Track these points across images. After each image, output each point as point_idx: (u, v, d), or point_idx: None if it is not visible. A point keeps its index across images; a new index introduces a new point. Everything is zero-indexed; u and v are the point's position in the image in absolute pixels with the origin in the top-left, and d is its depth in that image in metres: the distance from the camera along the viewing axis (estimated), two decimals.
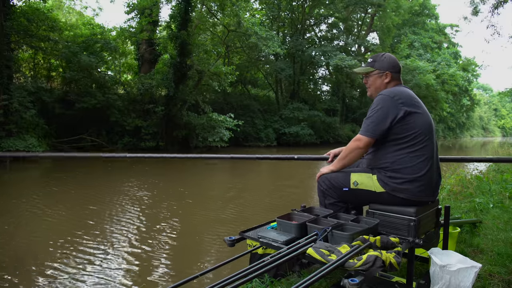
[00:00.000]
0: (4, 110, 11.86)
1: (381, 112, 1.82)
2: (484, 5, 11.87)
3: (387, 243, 1.53)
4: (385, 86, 1.97)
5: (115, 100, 16.07)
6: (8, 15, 12.38)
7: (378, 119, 1.81)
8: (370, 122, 1.84)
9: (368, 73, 2.01)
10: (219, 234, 4.85)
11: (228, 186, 9.65)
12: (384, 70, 1.97)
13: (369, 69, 2.00)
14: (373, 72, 1.99)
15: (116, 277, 3.48)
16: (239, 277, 1.27)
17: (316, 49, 26.00)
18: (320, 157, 2.48)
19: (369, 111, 1.88)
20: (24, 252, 4.13)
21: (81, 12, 25.26)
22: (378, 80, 1.98)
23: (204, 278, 2.92)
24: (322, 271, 1.27)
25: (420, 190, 1.78)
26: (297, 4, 26.76)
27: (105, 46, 16.69)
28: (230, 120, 17.53)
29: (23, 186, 8.53)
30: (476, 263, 1.64)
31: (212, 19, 19.95)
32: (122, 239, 4.59)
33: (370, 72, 2.00)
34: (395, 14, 27.17)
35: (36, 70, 17.17)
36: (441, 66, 31.20)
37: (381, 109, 1.82)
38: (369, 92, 2.04)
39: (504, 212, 3.74)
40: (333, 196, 1.99)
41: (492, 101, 75.41)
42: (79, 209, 6.12)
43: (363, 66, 2.06)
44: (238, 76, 21.22)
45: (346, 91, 29.13)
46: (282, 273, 2.11)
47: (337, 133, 26.47)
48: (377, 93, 1.97)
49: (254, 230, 1.86)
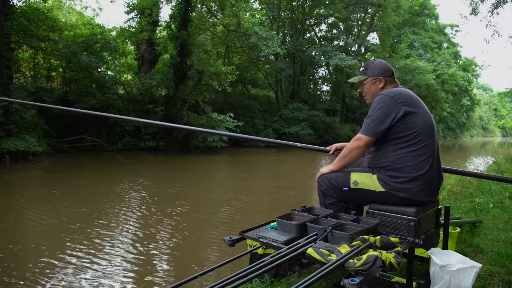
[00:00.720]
0: (4, 110, 11.85)
1: (381, 111, 1.82)
2: (484, 4, 11.88)
3: (387, 243, 1.53)
4: (380, 91, 1.98)
5: (115, 100, 16.07)
6: (8, 15, 12.37)
7: (379, 118, 1.82)
8: (371, 122, 1.85)
9: (362, 82, 2.05)
10: (219, 234, 4.85)
11: (228, 186, 9.65)
12: (376, 76, 2.00)
13: (362, 77, 2.04)
14: (366, 80, 2.03)
15: (116, 277, 3.48)
16: (239, 277, 1.27)
17: (316, 49, 26.01)
18: (322, 148, 2.50)
19: (370, 111, 1.89)
20: (24, 252, 4.13)
21: (81, 12, 25.29)
22: (373, 86, 2.02)
23: (204, 278, 2.92)
24: (322, 271, 1.27)
25: (420, 190, 1.78)
26: (297, 4, 26.76)
27: (105, 46, 16.68)
28: (230, 120, 17.52)
29: (23, 186, 8.53)
30: (476, 263, 1.64)
31: (212, 19, 19.95)
32: (122, 239, 4.59)
33: (364, 80, 2.04)
34: (395, 14, 27.16)
35: (36, 70, 17.17)
36: (441, 66, 31.22)
37: (381, 108, 1.83)
38: (368, 100, 2.08)
39: (504, 212, 3.74)
40: (333, 196, 1.99)
41: (492, 101, 75.40)
42: (79, 209, 6.12)
43: (356, 76, 2.10)
44: (238, 76, 21.21)
45: (346, 91, 29.13)
46: (282, 273, 2.11)
47: (337, 133, 26.46)
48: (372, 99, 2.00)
49: (254, 230, 1.86)
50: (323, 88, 32.93)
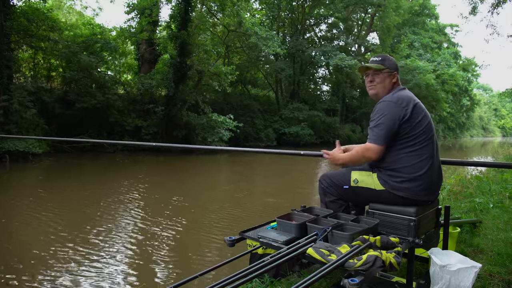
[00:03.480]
0: (4, 110, 11.86)
1: (388, 118, 1.81)
2: (484, 4, 11.87)
3: (387, 243, 1.53)
4: (392, 86, 1.96)
5: (115, 100, 16.06)
6: (8, 15, 12.37)
7: (388, 126, 1.80)
8: (380, 130, 1.82)
9: (379, 71, 1.95)
10: (219, 234, 4.85)
11: (228, 186, 9.65)
12: (393, 70, 1.97)
13: (381, 66, 1.95)
14: (384, 70, 1.95)
15: (116, 277, 3.48)
16: (239, 277, 1.27)
17: (316, 49, 25.99)
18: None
19: (375, 118, 1.85)
20: (24, 252, 4.13)
21: (81, 12, 25.25)
22: (388, 79, 1.95)
23: (204, 278, 2.92)
24: (322, 271, 1.27)
25: (420, 190, 1.79)
26: (297, 4, 26.75)
27: (105, 46, 16.67)
28: (230, 122, 17.52)
29: (22, 186, 8.53)
30: (476, 263, 1.64)
31: (212, 19, 19.95)
32: (122, 239, 4.59)
33: (381, 69, 1.95)
34: (395, 14, 27.15)
35: (36, 70, 17.16)
36: (441, 66, 31.21)
37: (387, 115, 1.81)
38: (375, 91, 1.97)
39: (504, 212, 3.74)
40: (333, 194, 2.00)
41: (492, 101, 75.39)
42: (79, 209, 6.12)
43: (373, 63, 1.98)
44: (238, 76, 21.20)
45: (346, 91, 29.12)
46: (282, 273, 2.11)
47: (337, 133, 26.43)
48: (384, 91, 1.94)
49: (254, 230, 1.87)
50: (323, 88, 32.95)
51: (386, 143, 1.82)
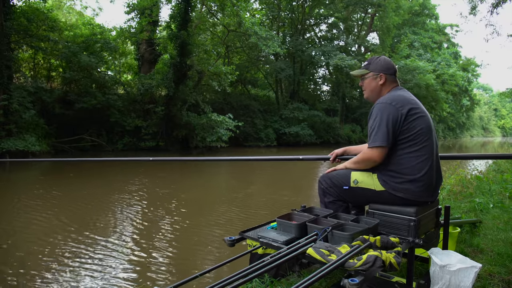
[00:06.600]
0: (4, 110, 11.87)
1: (385, 120, 1.81)
2: (483, 4, 11.87)
3: (387, 243, 1.53)
4: (380, 88, 1.98)
5: (115, 100, 16.07)
6: (8, 15, 12.38)
7: (386, 127, 1.81)
8: (379, 133, 1.82)
9: (363, 76, 2.03)
10: (219, 234, 4.85)
11: (228, 186, 9.65)
12: (378, 72, 1.98)
13: (364, 71, 2.02)
14: (367, 74, 2.01)
15: (116, 277, 3.47)
16: (239, 277, 1.27)
17: (316, 49, 26.00)
18: (323, 157, 2.50)
19: (373, 122, 1.86)
20: (23, 252, 4.13)
21: (81, 12, 25.29)
22: (373, 82, 1.99)
23: (204, 278, 2.92)
24: (322, 271, 1.27)
25: (420, 190, 1.79)
26: (297, 4, 26.76)
27: (105, 46, 16.70)
28: (229, 121, 17.53)
29: (22, 186, 8.53)
30: (476, 263, 1.64)
31: (212, 19, 19.96)
32: (121, 239, 4.59)
33: (365, 74, 2.02)
34: (395, 14, 27.16)
35: (36, 70, 17.18)
36: (441, 66, 31.24)
37: (384, 117, 1.82)
38: (366, 95, 2.06)
39: (504, 212, 3.74)
40: (333, 195, 2.00)
41: (492, 101, 75.44)
42: (78, 209, 6.12)
43: (358, 70, 2.08)
44: (238, 76, 21.21)
45: (346, 91, 29.14)
46: (282, 273, 2.11)
47: (337, 133, 26.46)
48: (372, 95, 2.00)
49: (254, 230, 1.86)
50: (323, 88, 32.98)
51: (387, 144, 1.81)
